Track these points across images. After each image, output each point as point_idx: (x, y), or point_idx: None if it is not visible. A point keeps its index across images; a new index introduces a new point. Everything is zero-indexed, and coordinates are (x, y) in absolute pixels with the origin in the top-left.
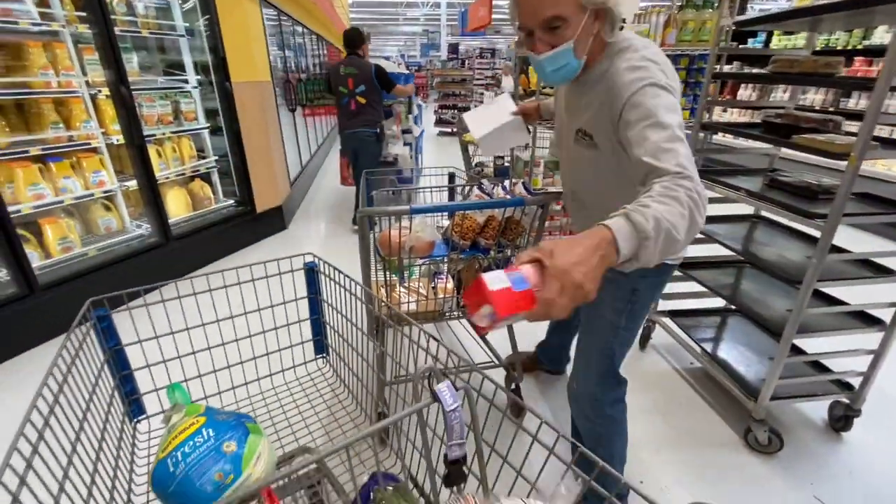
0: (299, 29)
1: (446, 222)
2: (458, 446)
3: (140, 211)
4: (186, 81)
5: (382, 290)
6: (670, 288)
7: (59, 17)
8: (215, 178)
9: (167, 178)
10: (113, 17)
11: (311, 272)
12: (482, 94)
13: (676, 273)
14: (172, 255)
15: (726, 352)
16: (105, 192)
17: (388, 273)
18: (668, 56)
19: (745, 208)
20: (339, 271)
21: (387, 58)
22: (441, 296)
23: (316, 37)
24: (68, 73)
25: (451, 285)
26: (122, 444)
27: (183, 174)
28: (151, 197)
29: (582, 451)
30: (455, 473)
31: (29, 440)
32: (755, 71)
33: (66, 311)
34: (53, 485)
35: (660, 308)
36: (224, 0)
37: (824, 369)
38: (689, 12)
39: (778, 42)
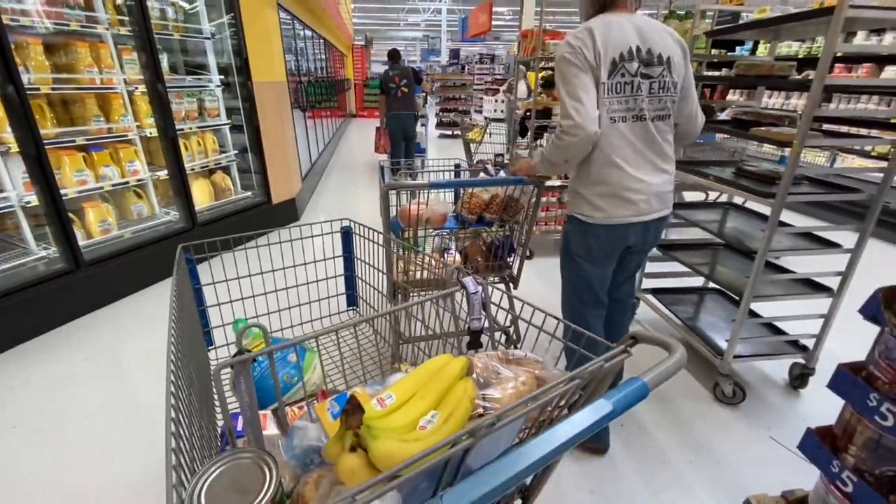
0: (308, 34)
1: (453, 206)
2: (478, 320)
3: (167, 199)
4: (210, 81)
5: (400, 263)
6: (653, 267)
7: (103, 20)
8: (235, 171)
9: (192, 169)
10: (150, 21)
11: (347, 234)
12: (482, 98)
13: (658, 254)
14: (199, 239)
15: (701, 321)
16: (138, 180)
17: (405, 249)
18: None
19: (721, 197)
20: (374, 230)
21: (386, 62)
22: (450, 267)
23: (323, 41)
24: (110, 71)
25: (458, 258)
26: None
27: (206, 166)
28: (181, 186)
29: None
30: (474, 339)
31: (173, 352)
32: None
33: (108, 285)
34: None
35: (644, 286)
36: (248, 6)
37: (782, 333)
38: (673, 22)
39: (763, 50)
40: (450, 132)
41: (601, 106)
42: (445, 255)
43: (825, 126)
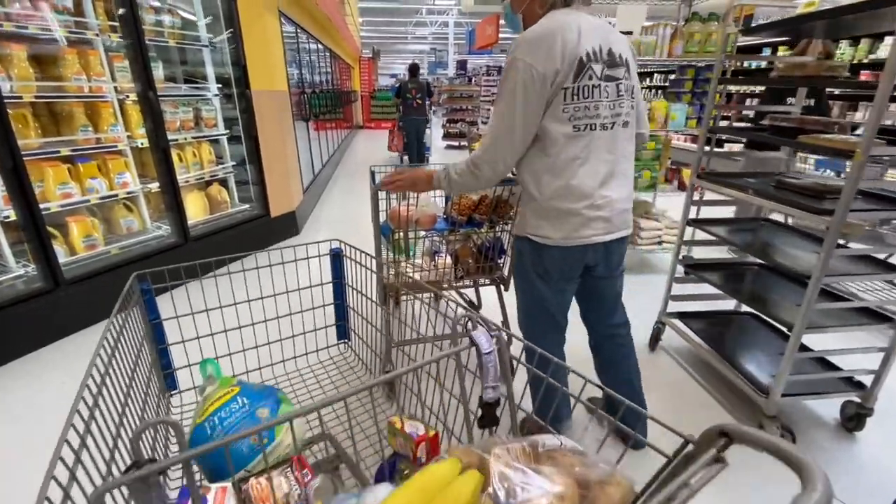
0: (313, 45)
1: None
2: (493, 388)
3: (160, 213)
4: (208, 90)
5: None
6: (680, 289)
7: (93, 27)
8: (232, 183)
9: (187, 181)
10: (143, 27)
11: (337, 257)
12: (489, 109)
13: (684, 274)
14: (191, 255)
15: (736, 351)
16: (128, 193)
17: (395, 251)
18: (676, 66)
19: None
20: (364, 252)
21: (394, 75)
22: (440, 269)
23: (329, 52)
24: (99, 79)
25: (448, 261)
26: (160, 413)
27: (202, 178)
28: (173, 199)
29: (609, 394)
30: (489, 415)
31: (87, 402)
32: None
33: (90, 306)
34: (105, 452)
35: (669, 310)
36: (246, 13)
37: (834, 368)
38: (696, 24)
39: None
40: (456, 143)
41: (566, 111)
42: (436, 257)
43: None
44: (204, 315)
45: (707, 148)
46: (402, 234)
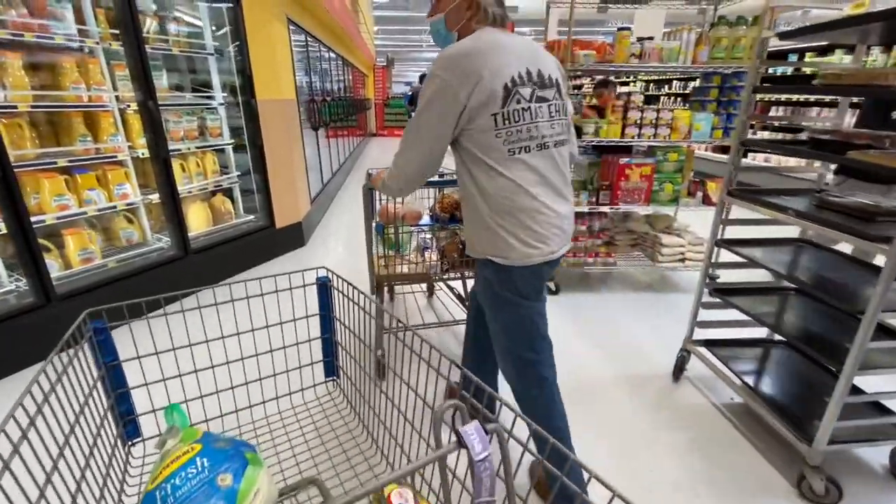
0: (326, 54)
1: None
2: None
3: (161, 224)
4: (213, 98)
5: (381, 260)
6: (706, 315)
7: (94, 34)
8: (237, 193)
9: (190, 192)
10: (145, 35)
11: (324, 287)
12: None
13: (711, 299)
14: (191, 268)
15: (771, 387)
16: (128, 204)
17: (386, 246)
18: (700, 74)
19: (785, 230)
20: (353, 286)
21: (408, 83)
22: (428, 263)
23: (342, 61)
24: (99, 88)
25: (435, 256)
26: (112, 471)
27: (205, 188)
28: (173, 211)
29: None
30: None
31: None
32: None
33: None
34: None
35: (695, 337)
36: (253, 20)
37: (887, 411)
38: (722, 29)
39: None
40: None
41: (499, 136)
42: (425, 252)
43: None
44: (171, 354)
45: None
46: (392, 229)
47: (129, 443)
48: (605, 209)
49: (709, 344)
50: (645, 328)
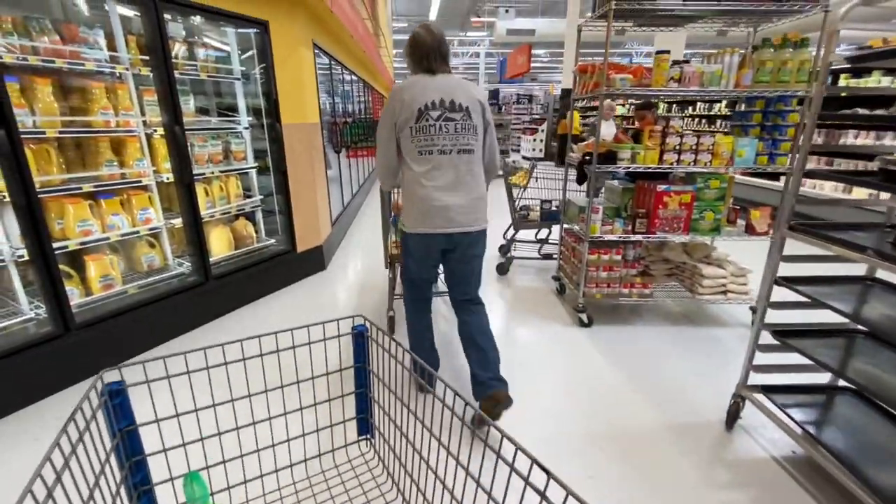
0: (348, 77)
1: None
2: None
3: (183, 248)
4: (238, 123)
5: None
6: (764, 359)
7: (125, 60)
8: (259, 216)
9: (212, 216)
10: (174, 60)
11: (361, 338)
12: (519, 137)
13: (770, 342)
14: (211, 294)
15: (841, 440)
16: (150, 229)
17: (398, 234)
18: (742, 97)
19: (850, 268)
20: (392, 338)
21: None
22: None
23: (363, 84)
24: (127, 113)
25: None
26: None
27: (228, 212)
28: (195, 236)
29: None
30: None
31: None
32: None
33: (101, 350)
34: None
35: (750, 381)
36: (280, 45)
37: None
38: (767, 52)
39: (845, 84)
40: None
41: (413, 142)
42: None
43: None
44: (192, 415)
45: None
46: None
47: None
48: (641, 238)
49: (767, 390)
50: (687, 367)
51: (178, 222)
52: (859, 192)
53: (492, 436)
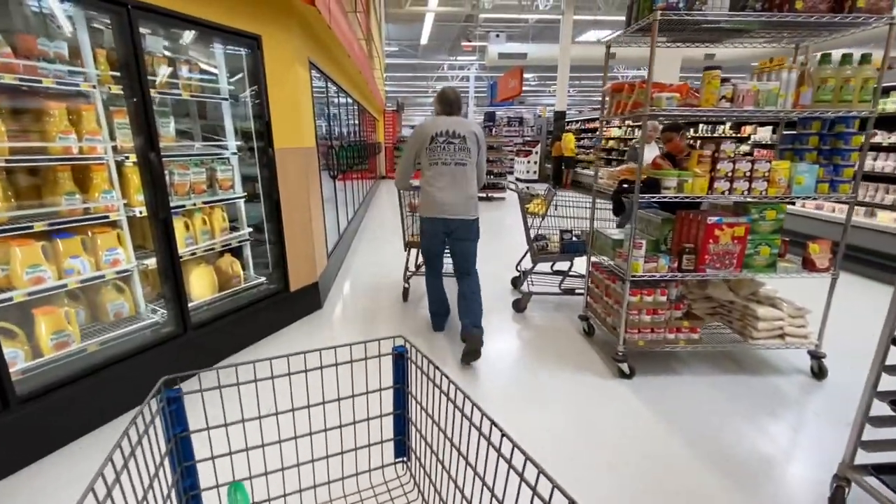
0: (344, 99)
1: None
2: None
3: (158, 291)
4: (226, 147)
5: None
6: (874, 434)
7: (92, 77)
8: (247, 252)
9: (193, 254)
10: (151, 78)
11: (400, 359)
12: (512, 159)
13: (885, 412)
14: (191, 347)
15: None
16: (119, 272)
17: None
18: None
19: None
20: (432, 362)
21: (413, 126)
22: None
23: (357, 105)
24: (93, 138)
25: None
26: None
27: (212, 248)
28: (172, 279)
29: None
30: None
31: None
32: None
33: (50, 428)
34: None
35: (858, 461)
36: (274, 62)
37: None
38: (827, 69)
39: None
40: (484, 194)
41: (425, 157)
42: None
43: None
44: (238, 426)
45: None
46: (416, 215)
47: None
48: (689, 276)
49: (877, 470)
50: (755, 430)
51: (152, 262)
52: None
53: (528, 470)
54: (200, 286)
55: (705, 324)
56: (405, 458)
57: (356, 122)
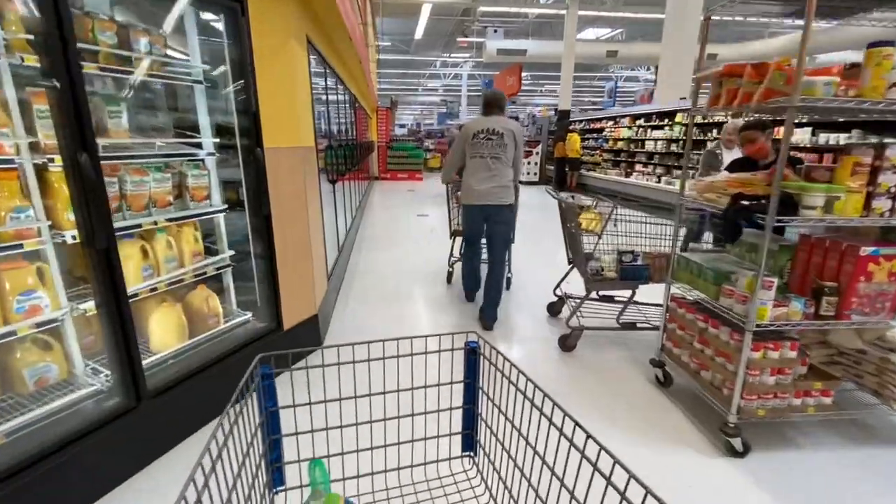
0: (342, 94)
1: None
2: None
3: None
4: (200, 146)
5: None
6: None
7: None
8: (229, 280)
9: (154, 289)
10: (89, 47)
11: (472, 354)
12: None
13: None
14: (146, 424)
15: None
16: (41, 324)
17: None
18: None
19: None
20: (505, 357)
21: (402, 125)
22: None
23: (354, 99)
24: None
25: None
26: None
27: (181, 280)
28: (116, 330)
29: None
30: None
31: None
32: None
33: None
34: None
35: None
36: (263, 37)
37: None
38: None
39: None
40: None
41: (468, 151)
42: None
43: None
44: (319, 406)
45: None
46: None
47: (274, 491)
48: (821, 323)
49: None
50: None
51: (91, 306)
52: None
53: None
54: (163, 333)
55: (840, 385)
56: (472, 453)
57: (353, 118)
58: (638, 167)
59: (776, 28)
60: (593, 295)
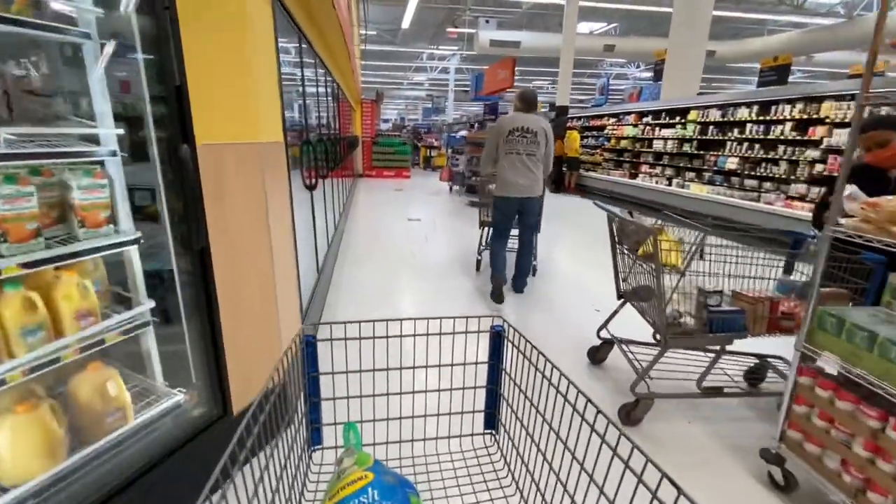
0: (322, 77)
1: None
2: None
3: None
4: (96, 140)
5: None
6: None
7: None
8: (149, 342)
9: (1, 381)
10: None
11: (498, 337)
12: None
13: None
14: None
15: None
16: None
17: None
18: None
19: None
20: (529, 342)
21: (386, 120)
22: None
23: (337, 87)
24: None
25: None
26: (299, 472)
27: (55, 360)
28: None
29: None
30: None
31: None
32: None
33: None
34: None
35: None
36: None
37: None
38: None
39: None
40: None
41: (503, 146)
42: None
43: None
44: (355, 375)
45: None
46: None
47: (311, 449)
48: None
49: None
50: None
51: None
52: None
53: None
54: (17, 457)
55: None
56: (493, 431)
57: (336, 109)
58: (644, 168)
59: (773, 26)
60: (646, 337)
